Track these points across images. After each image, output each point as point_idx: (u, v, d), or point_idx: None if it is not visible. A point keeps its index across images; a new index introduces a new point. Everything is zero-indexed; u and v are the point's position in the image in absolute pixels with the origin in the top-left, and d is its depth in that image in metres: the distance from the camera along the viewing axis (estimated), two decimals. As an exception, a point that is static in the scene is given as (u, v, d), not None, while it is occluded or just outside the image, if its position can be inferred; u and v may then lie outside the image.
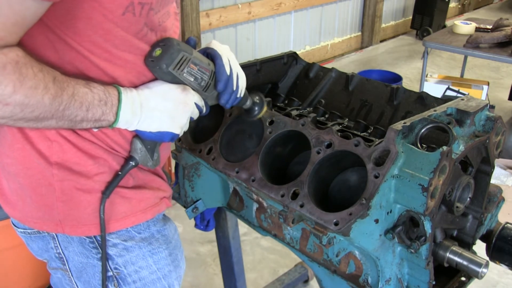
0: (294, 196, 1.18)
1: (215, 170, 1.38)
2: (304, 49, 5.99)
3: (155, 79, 1.09)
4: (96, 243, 1.14)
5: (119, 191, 1.11)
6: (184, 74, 1.06)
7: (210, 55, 1.14)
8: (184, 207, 1.62)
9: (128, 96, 1.02)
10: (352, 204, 1.08)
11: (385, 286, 1.18)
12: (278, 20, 5.52)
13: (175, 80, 1.07)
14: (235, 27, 5.05)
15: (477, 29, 4.20)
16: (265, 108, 1.30)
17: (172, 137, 1.09)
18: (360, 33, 6.79)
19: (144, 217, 1.16)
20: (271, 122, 1.32)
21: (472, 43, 3.79)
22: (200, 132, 1.51)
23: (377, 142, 1.13)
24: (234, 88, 1.16)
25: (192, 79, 1.08)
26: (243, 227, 2.51)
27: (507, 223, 1.43)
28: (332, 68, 1.65)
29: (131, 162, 1.09)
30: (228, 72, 1.14)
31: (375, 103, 1.53)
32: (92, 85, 0.98)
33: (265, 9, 5.23)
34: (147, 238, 1.18)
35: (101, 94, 0.98)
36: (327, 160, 1.21)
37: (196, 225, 1.73)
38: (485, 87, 4.07)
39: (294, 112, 1.46)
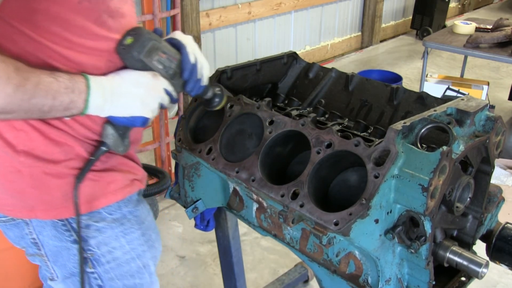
0: (294, 196, 1.18)
1: (215, 170, 1.38)
2: (304, 49, 5.99)
3: (122, 65, 1.12)
4: (68, 226, 1.16)
5: (87, 174, 1.14)
6: (154, 62, 1.11)
7: (175, 45, 1.18)
8: (184, 207, 1.62)
9: (98, 82, 1.05)
10: (352, 204, 1.08)
11: (385, 286, 1.18)
12: (278, 20, 5.52)
13: (145, 68, 1.11)
14: (235, 27, 5.05)
15: (477, 29, 4.20)
16: (224, 100, 1.34)
17: (144, 121, 1.13)
18: (360, 33, 6.79)
19: (115, 198, 1.19)
20: (271, 122, 1.32)
21: (472, 43, 3.79)
22: (200, 132, 1.51)
23: (377, 142, 1.13)
24: (199, 77, 1.21)
25: (161, 67, 1.12)
26: (243, 227, 2.51)
27: (507, 223, 1.42)
28: (332, 68, 1.65)
29: (102, 147, 1.12)
30: (193, 61, 1.18)
31: (375, 103, 1.53)
32: (57, 74, 1.00)
33: (265, 9, 5.23)
34: (119, 219, 1.21)
35: (67, 82, 1.00)
36: (327, 160, 1.21)
37: (196, 225, 1.73)
38: (485, 87, 4.07)
39: (294, 112, 1.46)
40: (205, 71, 1.24)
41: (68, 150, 1.11)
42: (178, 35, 1.21)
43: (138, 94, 1.09)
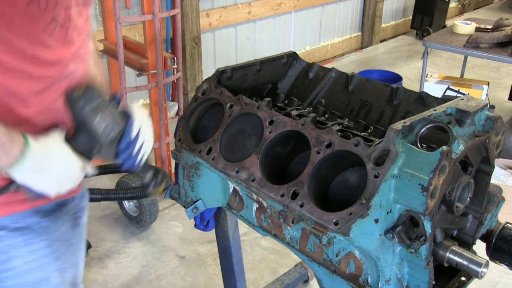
0: (294, 196, 1.18)
1: (215, 170, 1.38)
2: (304, 49, 5.99)
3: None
4: None
5: None
6: (97, 119, 1.09)
7: (126, 114, 1.17)
8: (184, 207, 1.62)
9: (34, 154, 1.01)
10: (352, 204, 1.08)
11: (385, 286, 1.18)
12: (278, 20, 5.52)
13: (87, 123, 1.09)
14: (235, 27, 5.05)
15: (477, 29, 4.20)
16: (159, 192, 1.32)
17: (43, 196, 1.08)
18: (360, 33, 6.79)
19: (19, 208, 1.16)
20: (271, 122, 1.32)
21: (472, 43, 3.79)
22: (200, 132, 1.51)
23: (377, 142, 1.13)
24: (133, 154, 1.18)
25: (102, 127, 1.10)
26: (243, 227, 2.51)
27: (507, 223, 1.42)
28: (332, 68, 1.65)
29: (11, 187, 1.07)
30: (133, 135, 1.16)
31: (375, 103, 1.53)
32: None
33: (265, 9, 5.23)
34: (22, 228, 1.17)
35: (3, 138, 0.96)
36: (327, 160, 1.21)
37: (196, 225, 1.73)
38: (485, 87, 4.07)
39: (294, 112, 1.46)
40: (144, 150, 1.20)
41: None
42: (134, 106, 1.19)
43: (56, 177, 1.06)
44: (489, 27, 4.17)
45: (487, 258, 1.34)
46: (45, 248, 1.21)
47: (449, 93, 4.02)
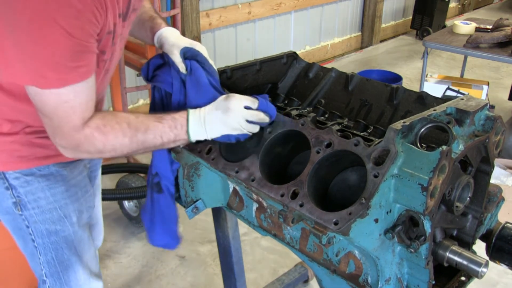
0: (294, 195, 1.18)
1: (215, 170, 1.38)
2: (304, 49, 5.99)
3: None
4: (2, 175, 1.42)
5: (31, 138, 1.40)
6: None
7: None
8: (184, 207, 1.62)
9: (195, 115, 1.31)
10: (352, 203, 1.08)
11: (384, 286, 1.18)
12: (278, 20, 5.52)
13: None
14: (235, 27, 5.05)
15: (477, 29, 4.20)
16: None
17: (236, 138, 1.32)
18: (360, 33, 6.79)
19: (44, 162, 1.44)
20: (271, 122, 1.32)
21: (472, 43, 3.79)
22: (200, 132, 1.51)
23: (376, 142, 1.14)
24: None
25: None
26: (243, 227, 2.51)
27: (507, 222, 1.42)
28: (332, 68, 1.65)
29: None
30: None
31: (375, 103, 1.53)
32: (162, 118, 1.30)
33: (265, 9, 5.23)
34: (46, 175, 1.46)
35: (170, 122, 1.29)
36: (327, 159, 1.21)
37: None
38: (485, 87, 4.07)
39: (294, 112, 1.46)
40: None
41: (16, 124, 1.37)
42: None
43: (217, 118, 1.31)
44: (489, 27, 4.17)
45: (487, 258, 1.34)
46: (64, 192, 1.50)
47: (449, 93, 4.02)
